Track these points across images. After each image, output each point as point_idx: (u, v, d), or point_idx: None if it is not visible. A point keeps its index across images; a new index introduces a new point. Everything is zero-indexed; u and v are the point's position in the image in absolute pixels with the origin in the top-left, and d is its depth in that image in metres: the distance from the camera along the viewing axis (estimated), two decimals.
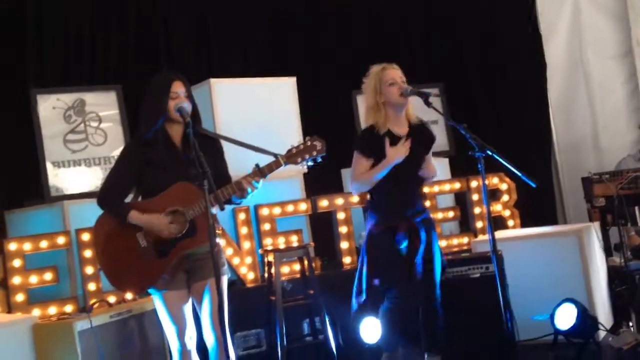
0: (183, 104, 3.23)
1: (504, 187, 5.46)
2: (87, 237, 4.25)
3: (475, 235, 5.29)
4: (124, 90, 5.02)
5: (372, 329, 4.54)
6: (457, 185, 5.39)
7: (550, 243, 4.75)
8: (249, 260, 4.69)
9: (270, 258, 4.36)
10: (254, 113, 5.00)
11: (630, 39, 6.43)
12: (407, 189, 3.78)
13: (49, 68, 5.35)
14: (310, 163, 3.34)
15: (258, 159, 3.26)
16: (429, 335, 3.74)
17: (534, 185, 3.43)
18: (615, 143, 6.43)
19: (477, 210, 5.35)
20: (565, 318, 4.36)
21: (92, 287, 4.24)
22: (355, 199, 4.98)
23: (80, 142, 4.84)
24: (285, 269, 4.69)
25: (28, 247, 4.20)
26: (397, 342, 3.70)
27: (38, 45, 5.34)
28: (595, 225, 5.06)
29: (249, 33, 6.29)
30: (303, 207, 4.91)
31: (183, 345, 3.28)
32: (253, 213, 4.77)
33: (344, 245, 4.93)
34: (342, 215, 4.94)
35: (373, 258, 3.74)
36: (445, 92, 6.11)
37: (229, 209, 4.59)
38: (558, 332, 4.40)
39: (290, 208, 4.86)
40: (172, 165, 3.25)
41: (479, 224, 5.33)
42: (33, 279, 4.18)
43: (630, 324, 4.55)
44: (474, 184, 5.34)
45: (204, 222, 2.97)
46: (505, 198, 5.46)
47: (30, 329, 3.74)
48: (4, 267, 4.14)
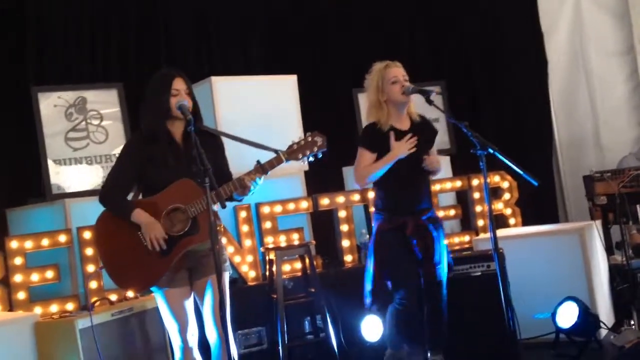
0: (184, 101, 3.24)
1: (506, 185, 5.46)
2: (88, 235, 4.26)
3: (477, 234, 5.29)
4: (125, 89, 5.01)
5: (373, 328, 4.55)
6: (458, 184, 5.38)
7: (552, 241, 4.75)
8: (250, 259, 4.69)
9: (272, 256, 4.36)
10: (255, 111, 5.00)
11: (632, 37, 6.41)
12: (413, 186, 3.77)
13: (50, 67, 5.34)
14: (311, 159, 3.34)
15: (259, 156, 3.27)
16: (433, 334, 3.74)
17: (536, 184, 3.42)
18: (617, 141, 6.41)
19: (478, 209, 5.35)
20: (567, 316, 4.36)
21: (93, 285, 4.24)
22: (357, 197, 4.98)
23: (82, 140, 4.84)
24: (287, 267, 4.70)
25: (29, 245, 4.20)
26: (402, 341, 3.70)
27: (39, 45, 5.33)
28: (597, 224, 5.05)
29: (250, 32, 6.28)
30: (304, 205, 4.91)
31: (185, 342, 3.28)
32: (254, 211, 4.77)
33: (345, 244, 4.93)
34: (343, 213, 4.94)
35: (381, 258, 3.73)
36: (447, 90, 6.11)
37: (230, 207, 4.59)
38: (560, 330, 4.40)
39: (292, 206, 4.86)
40: (173, 163, 3.25)
41: (480, 222, 5.33)
42: (34, 277, 4.18)
43: (632, 323, 4.55)
44: (476, 182, 5.34)
45: (206, 219, 2.97)
46: (507, 196, 5.46)
47: (32, 327, 3.74)
48: (6, 265, 4.14)
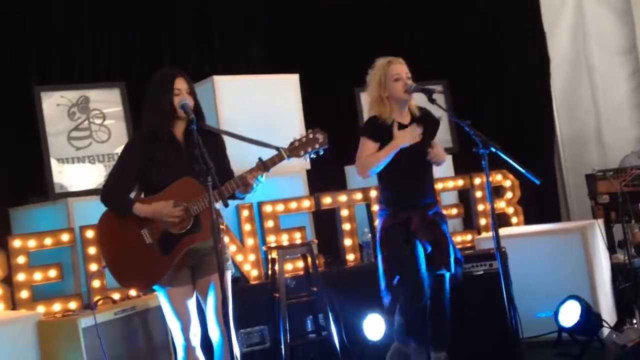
0: (186, 101, 3.24)
1: (508, 184, 5.46)
2: (91, 234, 4.26)
3: (479, 233, 5.29)
4: (127, 88, 5.02)
5: (375, 326, 4.55)
6: (460, 183, 5.38)
7: (554, 240, 4.74)
8: (253, 258, 4.69)
9: (274, 255, 4.36)
10: (257, 110, 5.00)
11: (634, 35, 6.40)
12: (416, 178, 3.77)
13: (52, 67, 5.35)
14: (313, 156, 3.33)
15: (261, 153, 3.27)
16: (435, 332, 3.74)
17: (538, 183, 3.42)
18: (619, 139, 6.40)
19: (480, 208, 5.35)
20: (569, 315, 4.36)
21: (96, 284, 4.24)
22: (359, 196, 4.98)
23: (84, 139, 4.84)
24: (289, 266, 4.71)
25: (32, 244, 4.21)
26: (410, 337, 3.70)
27: (41, 45, 5.34)
28: (599, 223, 5.05)
29: (251, 32, 6.28)
30: (306, 204, 4.91)
31: (188, 341, 3.28)
32: (256, 210, 4.77)
33: (348, 243, 4.93)
34: (345, 212, 4.94)
35: (387, 254, 3.73)
36: (449, 89, 6.11)
37: (233, 206, 4.60)
38: (562, 329, 4.40)
39: (294, 205, 4.87)
40: (175, 162, 3.25)
41: (483, 221, 5.33)
42: (37, 276, 4.19)
43: (634, 321, 4.54)
44: (478, 181, 5.34)
45: (208, 217, 2.97)
46: (509, 195, 5.46)
47: (35, 326, 3.75)
48: (9, 264, 4.15)
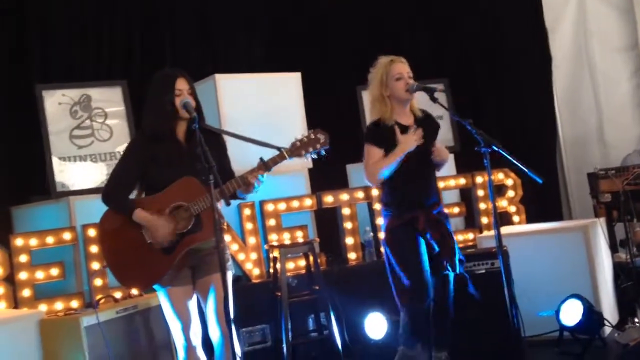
0: (188, 100, 3.24)
1: (510, 182, 5.45)
2: (93, 232, 4.27)
3: (481, 231, 5.28)
4: (129, 87, 5.02)
5: (377, 325, 4.55)
6: (462, 181, 5.38)
7: (556, 239, 4.74)
8: (254, 256, 4.69)
9: (276, 254, 4.36)
10: (259, 108, 5.00)
11: (636, 33, 6.39)
12: (421, 179, 3.77)
13: (53, 66, 5.35)
14: (314, 156, 3.34)
15: (262, 153, 3.27)
16: (438, 332, 3.73)
17: (540, 181, 3.41)
18: (621, 138, 6.39)
19: (482, 206, 5.34)
20: (571, 314, 4.36)
21: (98, 282, 4.25)
22: (361, 195, 4.98)
23: (86, 137, 4.84)
24: (291, 265, 4.71)
25: (34, 242, 4.22)
26: (416, 339, 3.69)
27: (42, 44, 5.34)
28: (601, 221, 5.05)
29: (251, 32, 6.28)
30: (308, 202, 4.91)
31: (188, 341, 3.29)
32: (258, 209, 4.77)
33: (349, 241, 4.93)
34: (347, 211, 4.94)
35: (394, 255, 3.72)
36: (450, 88, 6.10)
37: (234, 205, 4.60)
38: (564, 328, 4.40)
39: (296, 204, 4.87)
40: (177, 161, 3.25)
41: (484, 220, 5.33)
42: (39, 275, 4.20)
43: (636, 320, 4.54)
44: (479, 180, 5.34)
45: (210, 217, 2.97)
46: (511, 194, 5.46)
47: (37, 325, 3.75)
48: (11, 262, 4.15)
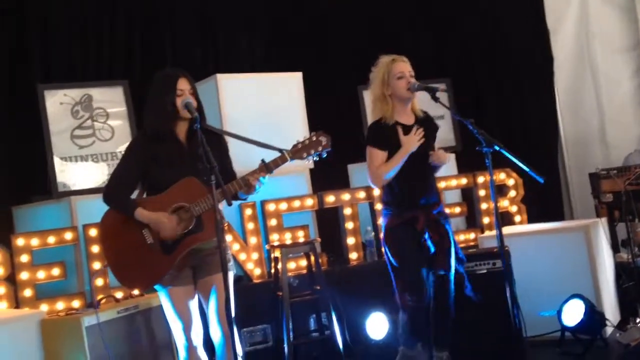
0: (189, 100, 3.25)
1: (511, 182, 5.45)
2: (94, 232, 4.27)
3: (482, 231, 5.28)
4: (130, 87, 5.02)
5: (378, 325, 4.55)
6: (463, 181, 5.37)
7: (558, 239, 4.74)
8: (256, 256, 4.69)
9: (277, 254, 4.36)
10: (261, 108, 5.00)
11: (638, 33, 6.38)
12: (421, 179, 3.77)
13: (54, 66, 5.35)
14: (316, 158, 3.35)
15: (263, 154, 3.27)
16: (438, 331, 3.73)
17: (542, 181, 3.41)
18: (623, 138, 6.39)
19: (484, 206, 5.34)
20: (573, 314, 4.36)
21: (99, 282, 4.25)
22: (362, 195, 4.98)
23: (88, 137, 4.84)
24: (292, 265, 4.70)
25: (35, 242, 4.22)
26: (416, 339, 3.69)
27: (43, 44, 5.34)
28: (603, 221, 5.05)
29: (251, 32, 6.28)
30: (309, 202, 4.91)
31: (189, 341, 3.28)
32: (259, 208, 4.77)
33: (351, 241, 4.92)
34: (348, 211, 4.93)
35: (393, 254, 3.72)
36: (452, 87, 6.10)
37: (236, 205, 4.59)
38: (565, 328, 4.40)
39: (297, 204, 4.86)
40: (178, 161, 3.25)
41: (486, 220, 5.32)
42: (41, 275, 4.20)
43: (638, 321, 4.53)
44: (481, 180, 5.33)
45: (211, 217, 2.97)
46: (513, 194, 5.45)
47: (38, 325, 3.76)
48: (12, 262, 4.16)
